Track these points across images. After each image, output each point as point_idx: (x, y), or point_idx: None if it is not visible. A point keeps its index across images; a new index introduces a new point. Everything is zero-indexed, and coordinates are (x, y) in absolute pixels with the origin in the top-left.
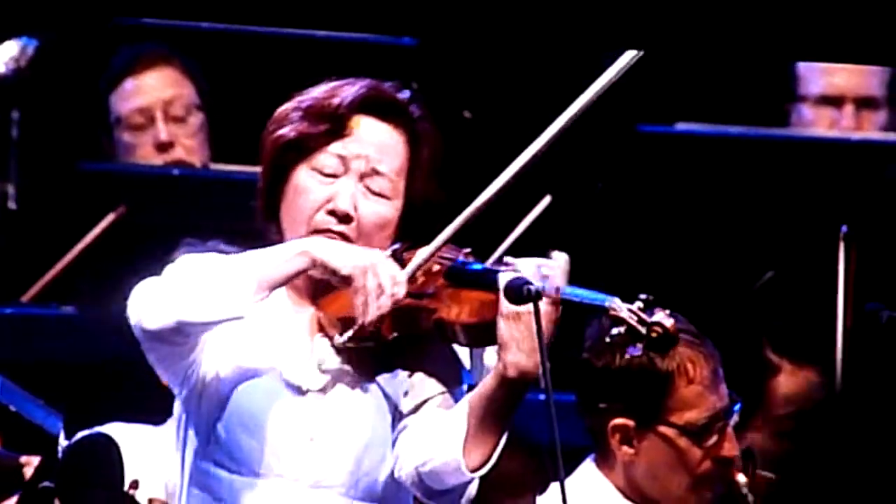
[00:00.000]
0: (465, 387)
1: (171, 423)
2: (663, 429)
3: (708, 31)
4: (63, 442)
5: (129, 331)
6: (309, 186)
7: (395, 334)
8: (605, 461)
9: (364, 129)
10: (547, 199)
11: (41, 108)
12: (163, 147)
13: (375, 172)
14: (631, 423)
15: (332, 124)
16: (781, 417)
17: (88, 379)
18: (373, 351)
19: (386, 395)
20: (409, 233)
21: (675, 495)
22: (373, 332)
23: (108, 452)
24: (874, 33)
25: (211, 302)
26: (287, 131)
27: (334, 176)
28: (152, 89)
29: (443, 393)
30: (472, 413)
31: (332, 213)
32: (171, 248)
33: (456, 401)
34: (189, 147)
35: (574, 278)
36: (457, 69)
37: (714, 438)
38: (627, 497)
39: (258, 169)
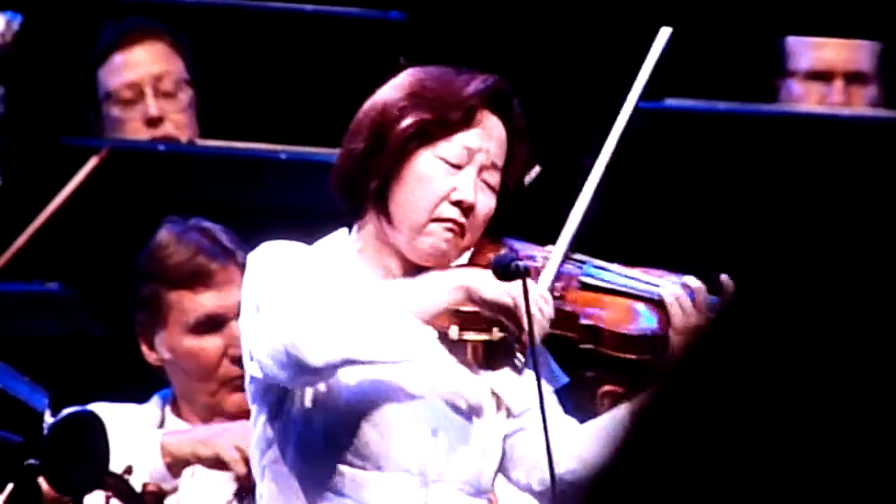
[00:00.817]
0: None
1: (153, 402)
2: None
3: (695, 4)
4: (48, 419)
5: (111, 308)
6: (434, 175)
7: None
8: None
9: (489, 123)
10: (536, 170)
11: (26, 83)
12: (152, 122)
13: (493, 167)
14: (620, 389)
15: (464, 114)
16: None
17: (74, 355)
18: (488, 348)
19: (498, 393)
20: None
21: None
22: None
23: (94, 429)
24: (863, 7)
25: (385, 343)
26: (415, 117)
27: (458, 167)
28: (142, 64)
29: (549, 394)
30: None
31: (457, 203)
32: (154, 224)
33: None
34: (178, 122)
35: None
36: (445, 45)
37: None
38: None
39: (246, 145)
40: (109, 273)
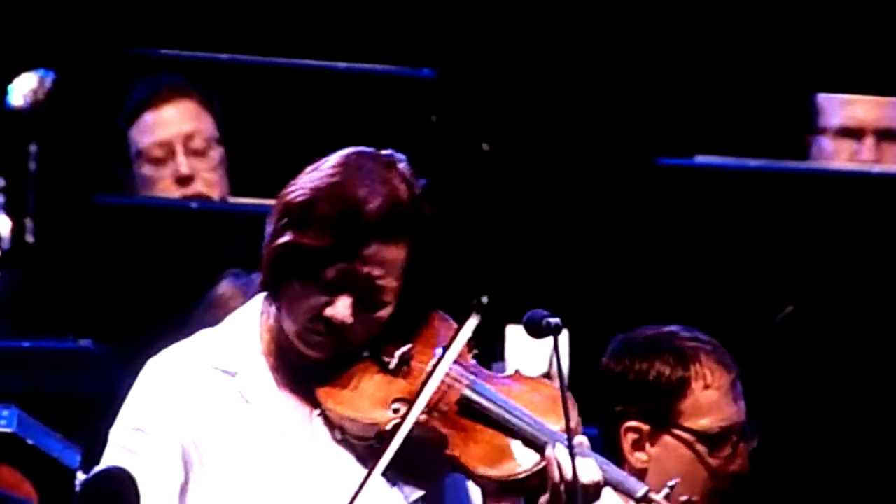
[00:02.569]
0: None
1: None
2: (677, 432)
3: (727, 62)
4: (80, 476)
5: (143, 364)
6: (309, 293)
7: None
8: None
9: (373, 250)
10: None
11: (59, 140)
12: (183, 180)
13: (378, 288)
14: (645, 427)
15: (342, 242)
16: None
17: (106, 412)
18: (371, 449)
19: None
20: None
21: None
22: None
23: (126, 487)
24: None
25: None
26: (298, 238)
27: (335, 290)
28: (172, 123)
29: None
30: None
31: (326, 320)
32: (190, 280)
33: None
34: (209, 180)
35: (594, 311)
36: (475, 101)
37: (728, 451)
38: None
39: (275, 202)
40: (142, 330)
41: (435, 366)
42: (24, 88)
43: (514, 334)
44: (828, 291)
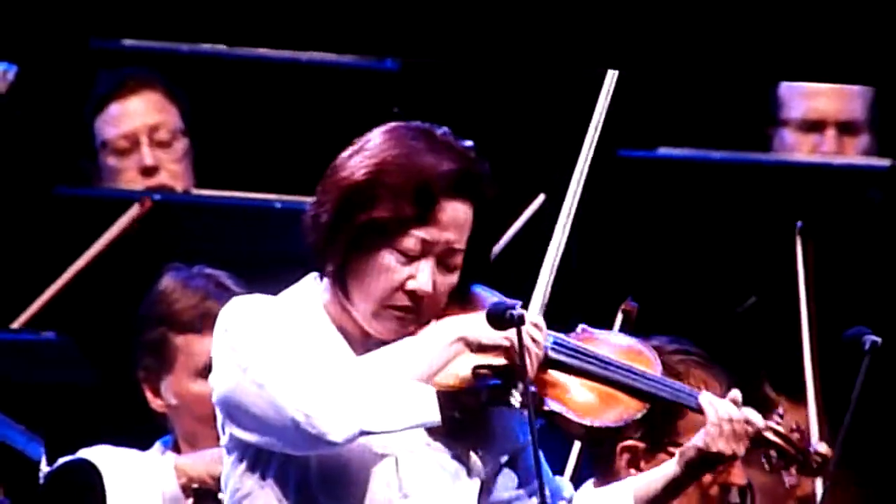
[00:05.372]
0: None
1: (156, 449)
2: (674, 450)
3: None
4: (44, 468)
5: (109, 356)
6: (390, 267)
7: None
8: (607, 485)
9: (449, 213)
10: (541, 198)
11: (19, 133)
12: (148, 171)
13: (453, 251)
14: (641, 445)
15: (420, 209)
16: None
17: (69, 404)
18: (460, 413)
19: (468, 457)
20: None
21: None
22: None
23: (90, 478)
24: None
25: (400, 415)
26: (373, 212)
27: (415, 258)
28: (137, 114)
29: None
30: (647, 497)
31: (411, 292)
32: (155, 272)
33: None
34: (174, 172)
35: (557, 303)
36: (439, 93)
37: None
38: None
39: (241, 194)
40: (105, 322)
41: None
42: None
43: None
44: (790, 282)
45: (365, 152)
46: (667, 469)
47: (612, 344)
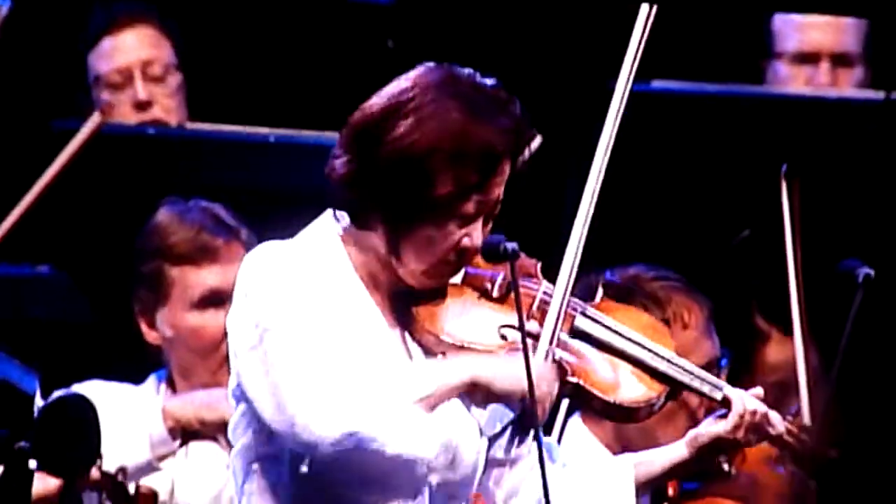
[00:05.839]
0: None
1: (150, 382)
2: None
3: None
4: (39, 402)
5: (105, 291)
6: (448, 232)
7: None
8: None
9: (502, 175)
10: (538, 140)
11: (15, 67)
12: (141, 106)
13: (498, 204)
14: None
15: (482, 176)
16: (768, 385)
17: (64, 338)
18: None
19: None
20: None
21: None
22: None
23: (84, 412)
24: None
25: (395, 440)
26: (434, 188)
27: (472, 220)
28: (131, 49)
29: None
30: (647, 475)
31: (464, 250)
32: (150, 206)
33: None
34: (167, 106)
35: (549, 238)
36: (433, 27)
37: None
38: (613, 452)
39: (235, 128)
40: (100, 256)
41: (549, 295)
42: None
43: None
44: (780, 220)
45: (414, 114)
46: (673, 452)
47: (632, 318)
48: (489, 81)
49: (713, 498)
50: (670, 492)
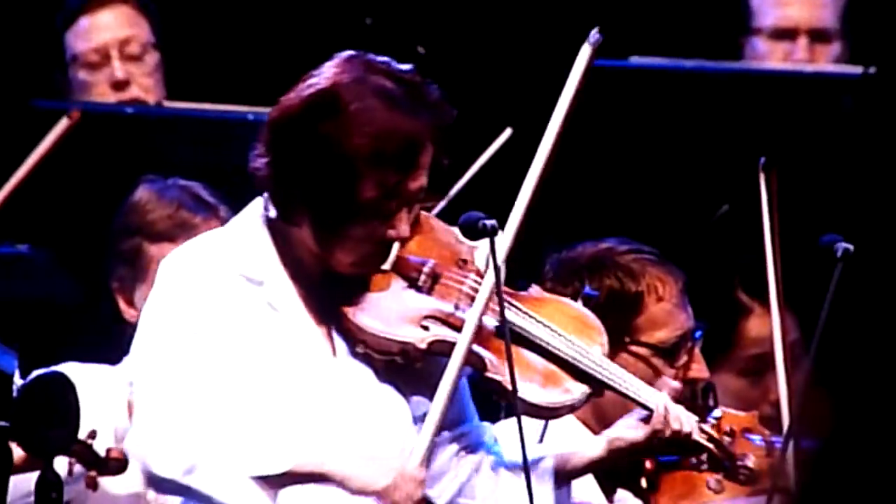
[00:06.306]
0: None
1: (126, 363)
2: (635, 349)
3: None
4: (18, 381)
5: (84, 270)
6: (374, 228)
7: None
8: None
9: (426, 164)
10: (507, 133)
11: None
12: (119, 85)
13: (422, 190)
14: None
15: (402, 175)
16: (748, 358)
17: (43, 317)
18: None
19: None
20: None
21: None
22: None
23: (64, 391)
24: None
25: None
26: (359, 193)
27: (397, 212)
28: (108, 28)
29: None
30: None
31: (390, 239)
32: (127, 185)
33: None
34: (145, 85)
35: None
36: (410, 4)
37: (684, 359)
38: (588, 427)
39: (213, 106)
40: (79, 234)
41: (476, 288)
42: None
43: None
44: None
45: (334, 117)
46: (590, 450)
47: (562, 311)
48: (405, 67)
49: (691, 471)
50: (647, 465)
